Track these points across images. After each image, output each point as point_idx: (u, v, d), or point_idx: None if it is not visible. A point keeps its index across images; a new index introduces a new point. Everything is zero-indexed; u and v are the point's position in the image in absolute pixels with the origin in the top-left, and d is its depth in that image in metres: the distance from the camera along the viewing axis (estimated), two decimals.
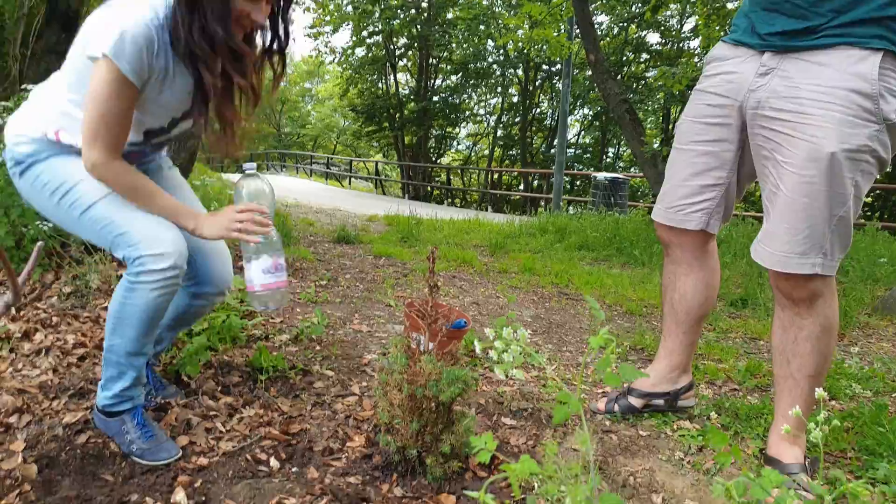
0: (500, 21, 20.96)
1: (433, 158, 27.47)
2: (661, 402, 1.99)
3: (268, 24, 1.50)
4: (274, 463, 1.53)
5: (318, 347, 2.39)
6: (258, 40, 1.55)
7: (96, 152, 1.37)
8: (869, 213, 16.25)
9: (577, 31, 8.63)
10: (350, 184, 24.49)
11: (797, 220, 1.50)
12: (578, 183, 21.83)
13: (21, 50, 12.25)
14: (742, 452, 1.81)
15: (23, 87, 2.55)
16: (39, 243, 0.79)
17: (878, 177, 1.53)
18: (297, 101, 39.26)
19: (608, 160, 24.74)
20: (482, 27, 22.63)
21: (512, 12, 19.62)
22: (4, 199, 2.51)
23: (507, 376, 1.06)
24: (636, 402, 2.00)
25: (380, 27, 24.27)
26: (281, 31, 1.53)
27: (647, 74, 20.77)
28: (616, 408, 2.01)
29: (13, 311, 2.06)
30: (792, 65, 1.49)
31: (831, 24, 1.43)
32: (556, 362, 2.56)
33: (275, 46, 1.55)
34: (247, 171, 1.54)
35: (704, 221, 1.78)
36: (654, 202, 1.93)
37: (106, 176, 1.41)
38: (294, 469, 1.52)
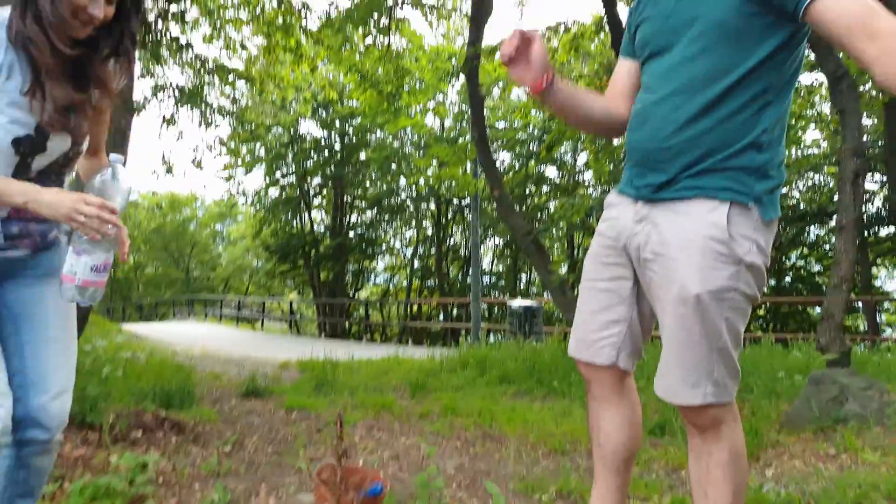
0: (410, 160, 21.97)
1: (351, 293, 27.33)
2: None
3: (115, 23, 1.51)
4: None
5: None
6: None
7: None
8: (763, 325, 17.26)
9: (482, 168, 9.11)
10: (263, 326, 23.78)
11: (681, 353, 1.59)
12: (496, 310, 22.17)
13: None
14: None
15: None
16: None
17: (749, 309, 1.62)
18: (208, 244, 38.69)
19: (522, 287, 25.44)
20: (394, 166, 23.63)
21: (421, 153, 20.70)
22: None
23: None
24: None
25: (293, 168, 24.85)
26: (122, 35, 1.54)
27: (550, 205, 22.04)
28: None
29: None
30: (660, 214, 1.62)
31: (686, 176, 1.57)
32: None
33: (118, 47, 1.55)
34: (111, 162, 1.46)
35: (613, 356, 1.80)
36: (568, 327, 1.96)
37: None
38: None
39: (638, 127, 1.68)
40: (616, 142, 9.32)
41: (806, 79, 12.25)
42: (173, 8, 6.71)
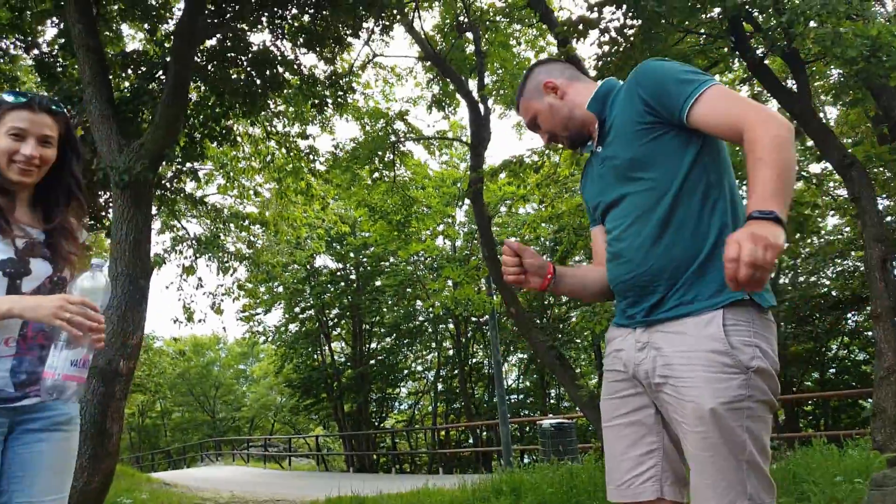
0: (424, 284, 22.17)
1: (376, 423, 26.67)
2: None
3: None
4: None
5: None
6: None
7: None
8: (813, 423, 16.36)
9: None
10: (290, 464, 23.10)
11: (709, 474, 1.52)
12: (528, 429, 21.38)
13: None
14: None
15: None
16: None
17: (770, 418, 1.59)
18: (232, 384, 38.49)
19: (552, 402, 24.64)
20: (409, 290, 23.83)
21: (435, 275, 20.92)
22: None
23: None
24: None
25: (311, 302, 25.15)
26: (68, 176, 1.73)
27: (571, 315, 21.83)
28: None
29: None
30: (659, 337, 1.63)
31: (673, 293, 1.60)
32: None
33: (68, 188, 1.73)
34: (92, 265, 1.56)
35: (657, 489, 1.69)
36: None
37: None
38: None
39: (614, 264, 1.75)
40: None
41: (815, 167, 12.37)
42: (187, 165, 7.12)
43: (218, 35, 6.40)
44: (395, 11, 7.33)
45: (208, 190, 10.89)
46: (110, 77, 5.76)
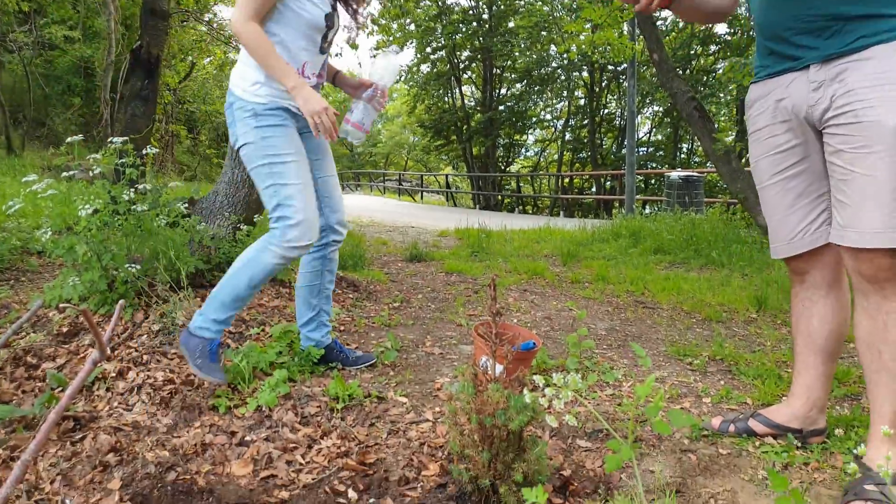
0: (561, 26, 20.74)
1: (502, 167, 27.46)
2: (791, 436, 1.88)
3: None
4: (352, 494, 1.58)
5: (391, 373, 2.45)
6: None
7: (240, 15, 1.86)
8: None
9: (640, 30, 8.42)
10: (422, 198, 24.84)
11: (880, 194, 1.50)
12: (653, 181, 21.24)
13: (111, 94, 13.25)
14: (836, 470, 1.72)
15: (111, 140, 2.75)
16: (121, 302, 0.87)
17: None
18: None
19: (683, 157, 23.92)
20: (543, 33, 22.49)
21: (572, 17, 19.40)
22: (96, 245, 2.70)
23: (559, 423, 1.06)
24: (760, 428, 1.90)
25: (443, 42, 24.59)
26: None
27: (718, 67, 19.98)
28: (732, 429, 1.93)
29: (108, 350, 2.22)
30: (839, 69, 1.57)
31: (857, 24, 1.54)
32: (632, 378, 2.51)
33: None
34: (389, 49, 1.91)
35: (829, 234, 1.71)
36: (731, 198, 1.94)
37: (242, 32, 1.87)
38: (371, 500, 1.56)
39: (782, 3, 1.65)
40: None
41: None
42: None
43: None
44: None
45: None
46: None
